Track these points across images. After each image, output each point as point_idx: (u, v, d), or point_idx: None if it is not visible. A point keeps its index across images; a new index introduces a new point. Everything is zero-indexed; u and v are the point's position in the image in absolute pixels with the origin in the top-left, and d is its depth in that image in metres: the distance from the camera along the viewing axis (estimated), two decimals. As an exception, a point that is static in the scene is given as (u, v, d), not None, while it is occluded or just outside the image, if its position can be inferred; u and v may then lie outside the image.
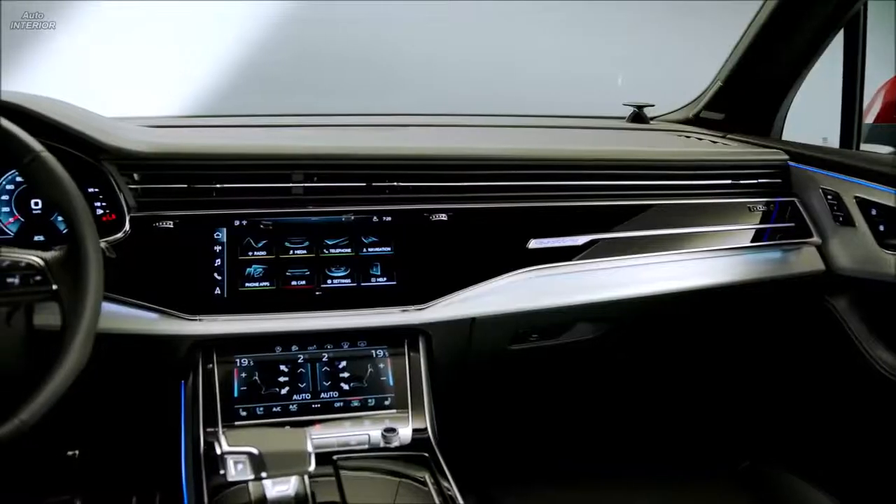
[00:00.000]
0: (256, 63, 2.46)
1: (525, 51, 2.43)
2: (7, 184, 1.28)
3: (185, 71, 2.39)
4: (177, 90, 2.39)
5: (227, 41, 2.44)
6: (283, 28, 2.48)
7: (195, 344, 1.25)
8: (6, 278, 0.98)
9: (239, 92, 2.44)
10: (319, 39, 2.52)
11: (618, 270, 1.46)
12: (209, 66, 2.41)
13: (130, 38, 2.32)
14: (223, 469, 0.98)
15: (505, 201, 1.42)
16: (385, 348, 1.31)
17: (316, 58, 2.48)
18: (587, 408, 1.86)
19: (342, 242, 1.33)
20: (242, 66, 2.45)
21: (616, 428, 1.93)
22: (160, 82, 2.36)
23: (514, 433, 1.81)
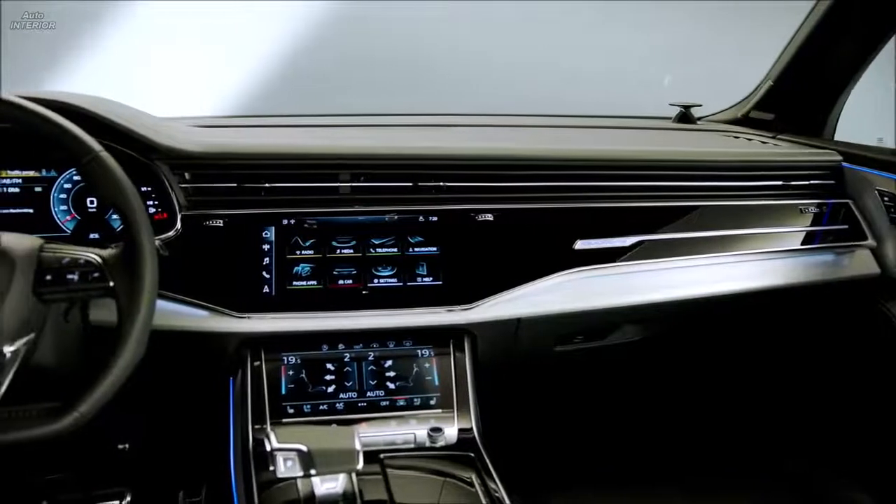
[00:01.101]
0: (296, 63, 2.48)
1: (569, 50, 2.41)
2: (65, 183, 1.31)
3: (224, 72, 2.42)
4: (217, 91, 2.42)
5: (266, 42, 2.46)
6: (323, 28, 2.49)
7: (243, 341, 1.27)
8: (66, 275, 1.00)
9: (278, 92, 2.46)
10: (361, 39, 2.53)
11: (665, 272, 1.44)
12: (248, 66, 2.44)
13: (171, 39, 2.36)
14: (273, 465, 0.99)
15: (551, 202, 1.41)
16: (430, 348, 1.31)
17: (357, 58, 2.49)
18: (632, 410, 1.84)
19: (388, 242, 1.33)
20: (282, 66, 2.47)
21: (661, 431, 1.90)
22: (200, 83, 2.39)
23: (558, 435, 1.80)
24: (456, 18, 2.48)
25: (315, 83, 2.47)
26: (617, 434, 1.88)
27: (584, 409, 1.79)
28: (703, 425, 1.94)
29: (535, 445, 1.72)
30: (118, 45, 2.28)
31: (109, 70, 2.26)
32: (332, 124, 1.75)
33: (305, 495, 1.04)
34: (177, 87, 2.30)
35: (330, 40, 2.49)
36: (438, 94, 2.33)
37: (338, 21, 2.50)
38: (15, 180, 1.29)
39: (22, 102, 0.97)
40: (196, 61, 2.38)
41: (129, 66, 2.30)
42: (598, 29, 2.47)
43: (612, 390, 1.77)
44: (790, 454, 1.90)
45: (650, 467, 1.84)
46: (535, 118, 1.83)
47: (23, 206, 1.30)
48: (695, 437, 1.93)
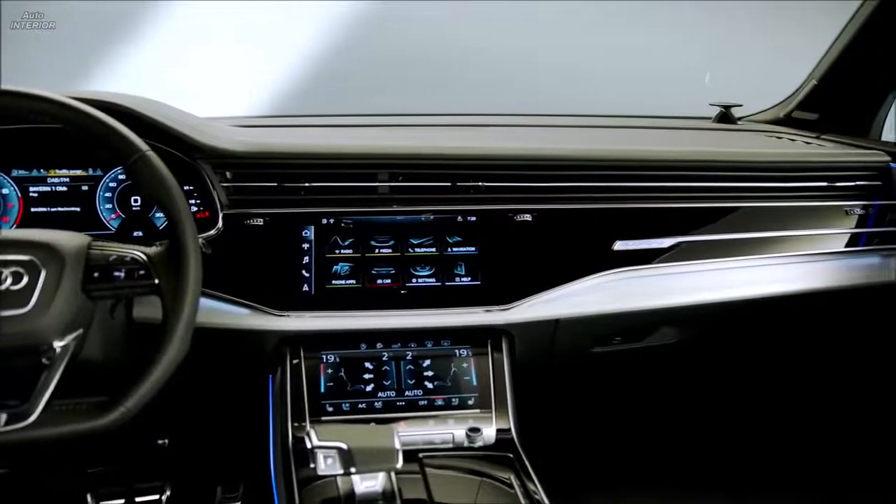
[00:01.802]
0: (328, 63, 2.49)
1: (608, 50, 2.39)
2: (110, 181, 1.34)
3: (256, 72, 2.44)
4: (250, 91, 2.44)
5: (298, 42, 2.47)
6: (356, 28, 2.50)
7: (283, 339, 1.28)
8: (113, 272, 1.01)
9: (311, 93, 2.47)
10: (393, 39, 2.54)
11: (705, 274, 1.43)
12: (280, 67, 2.46)
13: (205, 40, 2.38)
14: (313, 463, 1.00)
15: (590, 202, 1.40)
16: (468, 348, 1.31)
17: (389, 58, 2.50)
18: (669, 412, 1.82)
19: (427, 242, 1.34)
20: (314, 66, 2.48)
21: (698, 433, 1.88)
22: (233, 83, 2.41)
23: (595, 436, 1.79)
24: (490, 18, 2.47)
25: (347, 83, 2.48)
26: (654, 436, 1.86)
27: (621, 410, 1.78)
28: (740, 429, 1.91)
29: (572, 446, 1.71)
30: (154, 45, 2.31)
31: (145, 69, 2.29)
32: (368, 124, 1.76)
33: (345, 493, 1.05)
34: (210, 87, 2.32)
35: (362, 40, 2.50)
36: (473, 95, 2.33)
37: (369, 21, 2.51)
38: (63, 179, 1.32)
39: (73, 103, 0.99)
40: (228, 62, 2.40)
41: (164, 66, 2.33)
42: (636, 28, 2.45)
43: (649, 392, 1.75)
44: (830, 460, 1.87)
45: (687, 470, 1.82)
46: (573, 118, 1.82)
47: (70, 204, 1.32)
48: (732, 440, 1.90)
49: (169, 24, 2.34)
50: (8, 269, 0.96)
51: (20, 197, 1.30)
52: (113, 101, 1.16)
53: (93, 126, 1.00)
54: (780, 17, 2.52)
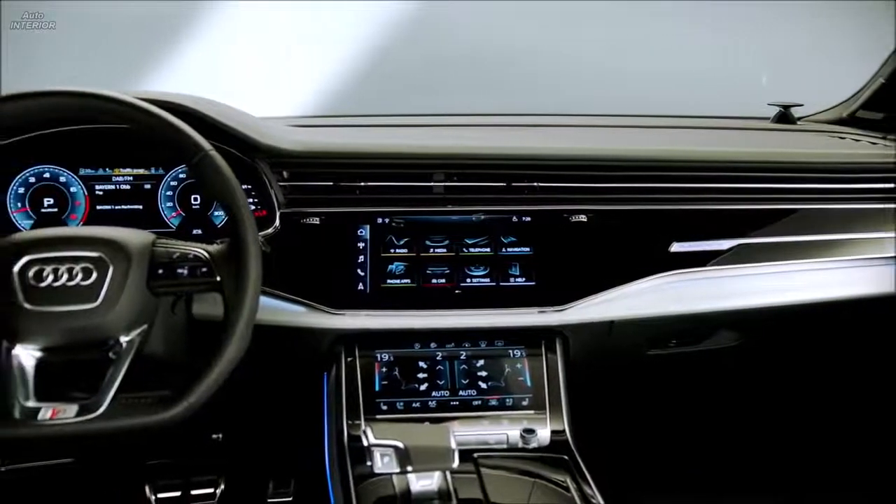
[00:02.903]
0: (378, 63, 2.50)
1: (661, 49, 2.36)
2: (171, 180, 1.37)
3: (306, 72, 2.45)
4: (301, 91, 2.46)
5: (349, 42, 2.49)
6: (406, 28, 2.51)
7: (338, 338, 1.29)
8: (176, 269, 1.04)
9: (361, 93, 2.48)
10: (446, 39, 2.54)
11: (764, 277, 1.40)
12: (330, 67, 2.47)
13: (251, 40, 2.41)
14: (370, 461, 1.00)
15: (647, 203, 1.38)
16: (522, 348, 1.30)
17: (441, 58, 2.50)
18: (724, 416, 1.78)
19: (481, 242, 1.34)
20: (365, 66, 2.49)
21: (754, 438, 1.84)
22: (283, 83, 2.43)
23: (649, 439, 1.77)
24: (542, 18, 2.46)
25: (396, 83, 2.49)
26: (709, 439, 1.82)
27: (676, 413, 1.75)
28: (797, 435, 1.87)
29: (625, 449, 1.69)
30: (203, 46, 2.35)
31: (196, 70, 2.33)
32: (420, 124, 1.76)
33: (401, 491, 1.05)
34: (259, 87, 2.35)
35: (411, 41, 2.50)
36: (525, 95, 2.32)
37: (419, 21, 2.51)
38: (126, 178, 1.36)
39: (142, 104, 1.01)
40: (276, 62, 2.43)
41: (214, 66, 2.37)
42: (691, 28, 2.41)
43: (704, 395, 1.72)
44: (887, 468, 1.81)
45: (741, 474, 1.79)
46: (628, 118, 1.80)
47: (133, 202, 1.36)
48: (788, 444, 1.86)
49: (216, 24, 2.37)
50: (78, 264, 0.99)
51: (87, 195, 1.34)
52: (176, 101, 1.19)
53: (159, 126, 1.02)
54: (838, 16, 2.46)
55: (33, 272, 0.98)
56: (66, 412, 0.96)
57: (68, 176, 1.34)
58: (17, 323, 0.97)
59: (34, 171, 1.32)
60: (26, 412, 0.95)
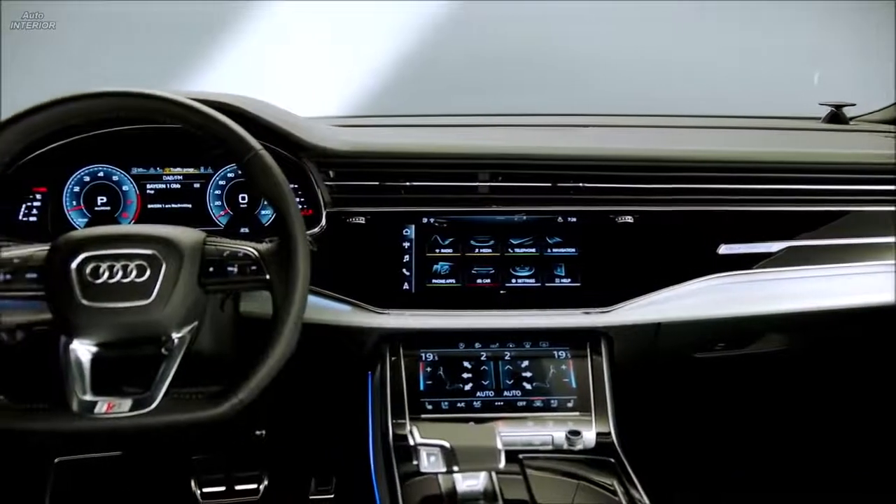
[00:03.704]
0: (419, 63, 2.50)
1: (707, 48, 2.33)
2: (220, 179, 1.39)
3: (344, 71, 2.46)
4: (339, 90, 2.47)
5: (390, 41, 2.49)
6: (447, 28, 2.51)
7: (383, 337, 1.30)
8: (227, 267, 1.05)
9: (402, 92, 2.49)
10: (487, 39, 2.53)
11: (814, 280, 1.37)
12: (370, 67, 2.48)
13: (293, 39, 2.42)
14: (415, 460, 1.01)
15: (694, 204, 1.36)
16: (567, 349, 1.30)
17: (483, 58, 2.49)
18: (773, 421, 1.75)
19: (526, 242, 1.33)
20: (406, 66, 2.50)
21: (804, 444, 1.80)
22: (321, 82, 2.44)
23: (695, 442, 1.74)
24: (585, 17, 2.44)
25: (438, 83, 2.49)
26: (756, 444, 1.79)
27: (722, 416, 1.72)
28: (845, 441, 1.83)
29: (671, 452, 1.67)
30: (243, 45, 2.37)
31: (233, 69, 2.35)
32: (464, 124, 1.76)
33: (447, 491, 1.05)
34: (301, 86, 2.36)
35: (454, 40, 2.50)
36: (568, 95, 2.30)
37: (461, 21, 2.51)
38: (177, 177, 1.38)
39: (195, 105, 1.03)
40: (316, 61, 2.44)
41: (254, 66, 2.39)
42: (739, 27, 2.37)
43: (752, 399, 1.70)
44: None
45: (789, 480, 1.75)
46: (675, 118, 1.77)
47: (183, 201, 1.38)
48: (836, 451, 1.82)
49: (256, 24, 2.39)
50: (133, 262, 1.01)
51: (138, 194, 1.37)
52: (227, 101, 1.21)
53: (212, 126, 1.04)
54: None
55: (90, 269, 1.00)
56: (120, 406, 0.97)
57: (121, 175, 1.37)
58: (74, 318, 0.99)
59: (89, 170, 1.36)
60: (84, 405, 0.97)
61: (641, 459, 1.18)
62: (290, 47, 2.43)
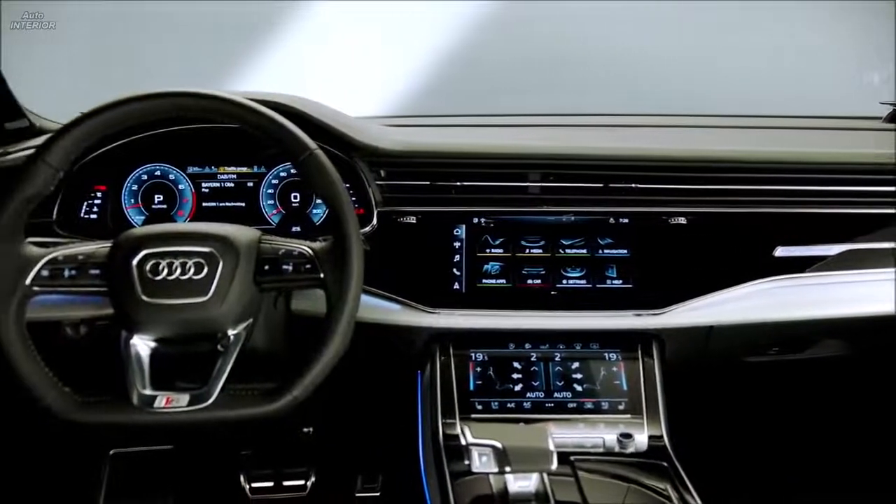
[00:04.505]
0: (462, 63, 2.49)
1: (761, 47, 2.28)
2: (273, 178, 1.41)
3: (386, 72, 2.47)
4: (380, 90, 2.47)
5: (432, 42, 2.49)
6: (490, 28, 2.50)
7: (433, 336, 1.30)
8: (281, 265, 1.06)
9: (445, 93, 2.48)
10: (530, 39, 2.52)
11: (873, 284, 1.34)
12: (414, 67, 2.48)
13: (333, 39, 2.43)
14: (467, 460, 1.00)
15: (749, 206, 1.34)
16: (618, 351, 1.28)
17: (527, 58, 2.48)
18: (829, 428, 1.71)
19: (578, 243, 1.32)
20: (447, 66, 2.49)
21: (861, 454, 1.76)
22: (362, 82, 2.45)
23: (748, 447, 1.71)
24: (633, 17, 2.42)
25: (485, 83, 2.48)
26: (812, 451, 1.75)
27: (777, 422, 1.68)
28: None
29: (723, 456, 1.64)
30: (288, 45, 2.39)
31: (277, 68, 2.37)
32: (513, 124, 1.76)
33: (498, 491, 1.05)
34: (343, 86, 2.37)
35: (501, 41, 2.49)
36: (616, 95, 2.28)
37: (508, 22, 2.50)
38: (231, 176, 1.40)
39: (253, 105, 1.04)
40: (358, 61, 2.45)
41: (299, 65, 2.40)
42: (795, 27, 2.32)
43: (807, 406, 1.66)
44: None
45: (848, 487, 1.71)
46: (729, 118, 1.74)
47: (236, 199, 1.40)
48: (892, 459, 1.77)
49: (297, 24, 2.41)
50: (191, 259, 1.03)
51: (193, 192, 1.39)
52: (283, 101, 1.22)
53: (269, 126, 1.05)
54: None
55: (150, 266, 1.02)
56: (178, 401, 0.99)
57: (177, 174, 1.39)
58: (135, 314, 1.01)
59: (146, 169, 1.38)
60: (143, 399, 0.99)
61: (694, 464, 1.16)
62: (331, 47, 2.45)
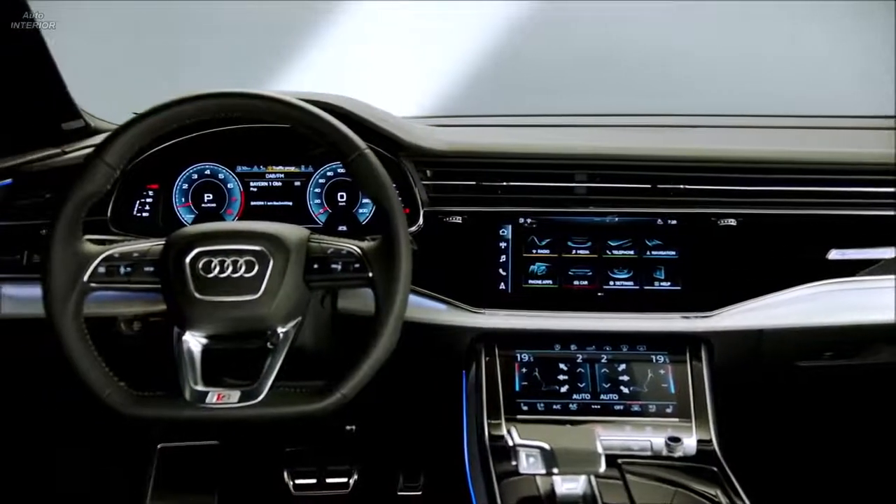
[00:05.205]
0: (504, 64, 2.49)
1: (811, 47, 2.24)
2: (320, 178, 1.42)
3: (425, 72, 2.47)
4: (423, 90, 2.48)
5: (471, 42, 2.49)
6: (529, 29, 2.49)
7: (478, 336, 1.30)
8: (330, 264, 1.07)
9: (485, 92, 2.48)
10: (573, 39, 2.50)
11: (932, 288, 1.30)
12: (451, 67, 2.48)
13: (376, 39, 2.44)
14: (514, 460, 1.00)
15: (802, 208, 1.31)
16: (665, 354, 1.27)
17: (571, 58, 2.47)
18: (886, 436, 1.66)
19: (625, 244, 1.31)
20: (488, 66, 2.49)
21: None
22: (405, 82, 2.45)
23: (800, 454, 1.67)
24: (675, 17, 2.39)
25: (527, 84, 2.47)
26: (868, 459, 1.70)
27: (830, 428, 1.64)
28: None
29: (774, 462, 1.61)
30: (328, 45, 2.40)
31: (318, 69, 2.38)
32: (558, 124, 1.74)
33: (546, 492, 1.05)
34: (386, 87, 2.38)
35: (544, 41, 2.48)
36: (662, 96, 2.25)
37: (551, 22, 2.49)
38: (278, 175, 1.42)
39: (304, 105, 1.05)
40: (397, 61, 2.45)
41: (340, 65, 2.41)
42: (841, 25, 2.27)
43: (862, 411, 1.61)
44: None
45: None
46: (778, 119, 1.71)
47: (284, 199, 1.42)
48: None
49: (340, 24, 2.43)
50: (242, 257, 1.04)
51: (242, 191, 1.41)
52: (331, 101, 1.23)
53: (319, 126, 1.06)
54: None
55: (202, 263, 1.03)
56: (229, 398, 1.01)
57: (226, 173, 1.41)
58: (187, 310, 1.03)
59: (196, 168, 1.41)
60: (196, 395, 1.01)
61: (744, 469, 1.15)
62: (373, 47, 2.45)
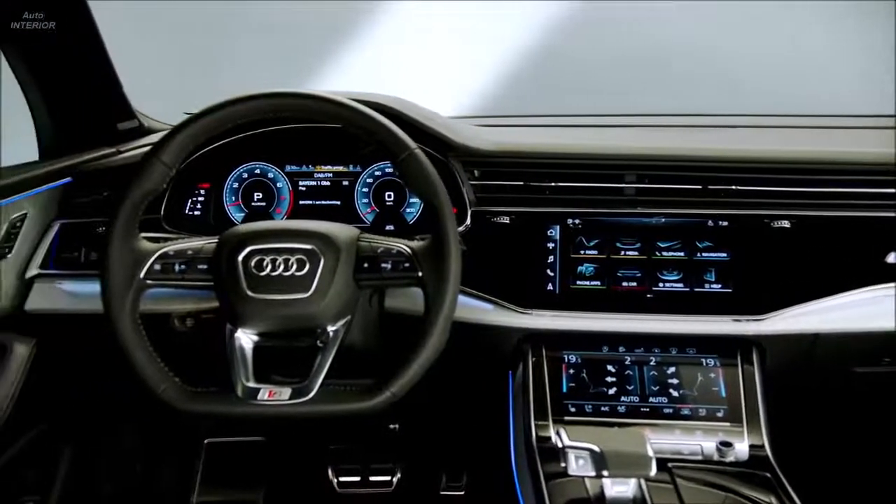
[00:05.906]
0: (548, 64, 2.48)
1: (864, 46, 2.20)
2: (367, 177, 1.43)
3: (465, 71, 2.47)
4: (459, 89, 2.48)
5: (508, 42, 2.48)
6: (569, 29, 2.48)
7: (525, 337, 1.30)
8: (380, 263, 1.08)
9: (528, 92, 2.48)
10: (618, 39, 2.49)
11: None
12: (492, 67, 2.48)
13: (416, 38, 2.45)
14: (563, 462, 1.00)
15: (858, 209, 1.28)
16: (716, 357, 1.25)
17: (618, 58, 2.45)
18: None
19: (675, 246, 1.29)
20: (531, 67, 2.48)
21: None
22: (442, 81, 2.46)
23: (856, 462, 1.63)
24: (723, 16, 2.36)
25: (574, 84, 2.47)
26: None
27: (886, 436, 1.60)
28: None
29: (829, 470, 1.57)
30: (368, 45, 2.42)
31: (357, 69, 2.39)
32: (605, 124, 1.73)
33: (595, 495, 1.04)
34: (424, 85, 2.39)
35: (590, 40, 2.47)
36: (711, 96, 2.23)
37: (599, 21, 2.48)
38: (327, 174, 1.43)
39: (356, 105, 1.06)
40: (438, 61, 2.46)
41: (378, 66, 2.43)
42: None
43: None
44: None
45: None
46: (832, 119, 1.67)
47: (332, 198, 1.43)
48: None
49: (382, 24, 2.44)
50: (293, 256, 1.05)
51: (291, 190, 1.43)
52: (382, 101, 1.24)
53: (370, 125, 1.06)
54: None
55: (254, 262, 1.05)
56: (281, 394, 1.02)
57: (276, 172, 1.43)
58: (240, 308, 1.04)
59: (246, 167, 1.43)
60: (248, 392, 1.02)
61: (797, 476, 1.12)
62: (410, 47, 2.46)
